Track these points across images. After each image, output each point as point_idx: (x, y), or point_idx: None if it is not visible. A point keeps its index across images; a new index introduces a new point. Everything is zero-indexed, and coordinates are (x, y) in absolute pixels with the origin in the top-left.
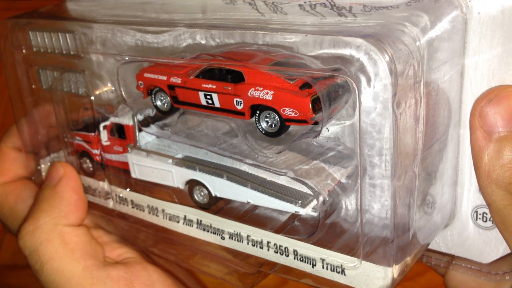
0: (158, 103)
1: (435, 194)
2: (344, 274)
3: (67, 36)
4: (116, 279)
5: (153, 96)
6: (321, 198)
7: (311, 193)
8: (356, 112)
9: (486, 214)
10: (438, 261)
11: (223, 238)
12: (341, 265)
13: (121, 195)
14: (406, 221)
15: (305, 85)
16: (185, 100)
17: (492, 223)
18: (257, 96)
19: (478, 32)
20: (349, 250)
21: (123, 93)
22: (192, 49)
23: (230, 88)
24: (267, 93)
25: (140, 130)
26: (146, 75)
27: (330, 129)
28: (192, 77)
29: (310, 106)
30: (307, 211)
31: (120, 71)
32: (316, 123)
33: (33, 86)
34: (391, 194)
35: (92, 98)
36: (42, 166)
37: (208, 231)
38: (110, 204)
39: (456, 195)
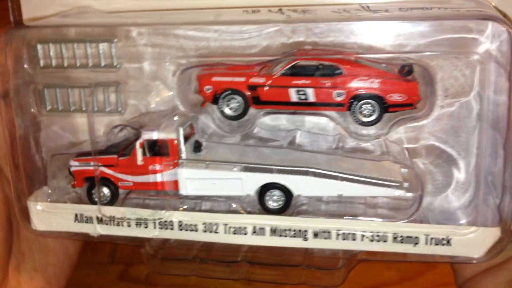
0: (227, 107)
1: None
2: (450, 245)
3: (100, 46)
4: None
5: (221, 100)
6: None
7: (397, 179)
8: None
9: None
10: None
11: (306, 239)
12: (447, 236)
13: (161, 218)
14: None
15: (406, 73)
16: (269, 99)
17: None
18: (361, 86)
19: None
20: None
21: (179, 102)
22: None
23: (327, 82)
24: (373, 81)
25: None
26: (216, 78)
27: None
28: (277, 75)
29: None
30: (406, 193)
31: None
32: (415, 107)
33: (32, 110)
34: None
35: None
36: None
37: (286, 236)
38: (149, 232)
39: None
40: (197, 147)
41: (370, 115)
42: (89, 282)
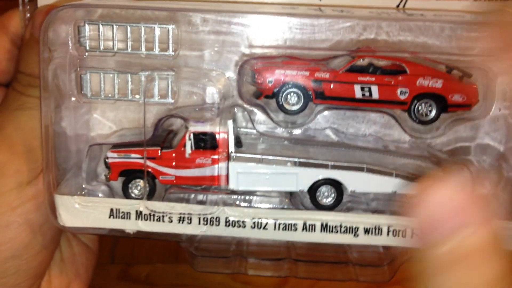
0: (286, 101)
1: None
2: None
3: (157, 29)
4: None
5: (281, 94)
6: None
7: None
8: None
9: None
10: None
11: (356, 235)
12: None
13: (209, 214)
14: None
15: (462, 77)
16: (333, 95)
17: None
18: (426, 85)
19: None
20: None
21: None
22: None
23: (392, 80)
24: (437, 81)
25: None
26: (279, 71)
27: None
28: (342, 71)
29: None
30: None
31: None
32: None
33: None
34: None
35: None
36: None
37: (337, 232)
38: (195, 228)
39: None
40: (238, 142)
41: (429, 114)
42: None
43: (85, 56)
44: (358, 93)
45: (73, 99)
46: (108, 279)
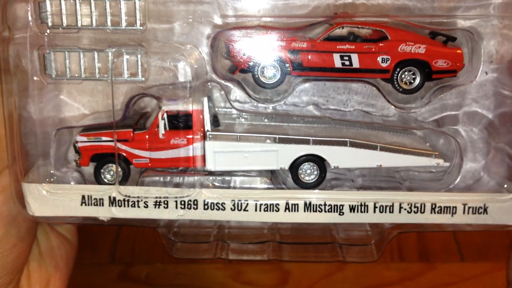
0: (263, 74)
1: None
2: (486, 213)
3: (123, 2)
4: None
5: (257, 66)
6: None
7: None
8: None
9: None
10: None
11: (341, 213)
12: (484, 205)
13: (186, 197)
14: None
15: (446, 41)
16: (312, 65)
17: None
18: (408, 51)
19: None
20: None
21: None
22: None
23: (373, 47)
24: (419, 47)
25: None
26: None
27: None
28: (320, 40)
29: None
30: (444, 162)
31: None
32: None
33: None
34: None
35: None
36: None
37: (321, 211)
38: (172, 212)
39: None
40: (216, 121)
41: (413, 82)
42: (89, 282)
43: (46, 34)
44: (337, 62)
45: (36, 79)
46: (108, 279)
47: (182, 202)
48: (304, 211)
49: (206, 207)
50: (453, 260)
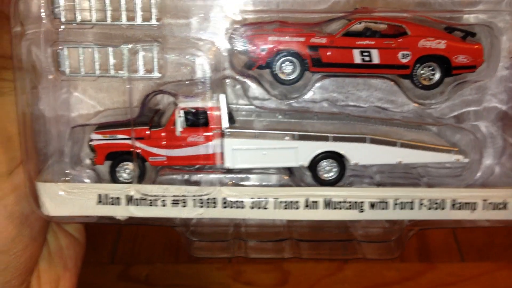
0: (281, 70)
1: None
2: (506, 209)
3: None
4: None
5: (275, 62)
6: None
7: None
8: None
9: None
10: None
11: (362, 210)
12: (504, 201)
13: (205, 195)
14: None
15: (465, 36)
16: (331, 61)
17: None
18: (428, 47)
19: None
20: None
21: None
22: None
23: (393, 42)
24: (439, 42)
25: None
26: (272, 38)
27: None
28: (339, 36)
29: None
30: (464, 158)
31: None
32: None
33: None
34: None
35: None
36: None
37: (341, 208)
38: (191, 211)
39: None
40: (231, 117)
41: (432, 78)
42: (89, 282)
43: (61, 29)
44: (357, 58)
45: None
46: (108, 279)
47: (201, 201)
48: (324, 208)
49: (225, 205)
50: (453, 260)
